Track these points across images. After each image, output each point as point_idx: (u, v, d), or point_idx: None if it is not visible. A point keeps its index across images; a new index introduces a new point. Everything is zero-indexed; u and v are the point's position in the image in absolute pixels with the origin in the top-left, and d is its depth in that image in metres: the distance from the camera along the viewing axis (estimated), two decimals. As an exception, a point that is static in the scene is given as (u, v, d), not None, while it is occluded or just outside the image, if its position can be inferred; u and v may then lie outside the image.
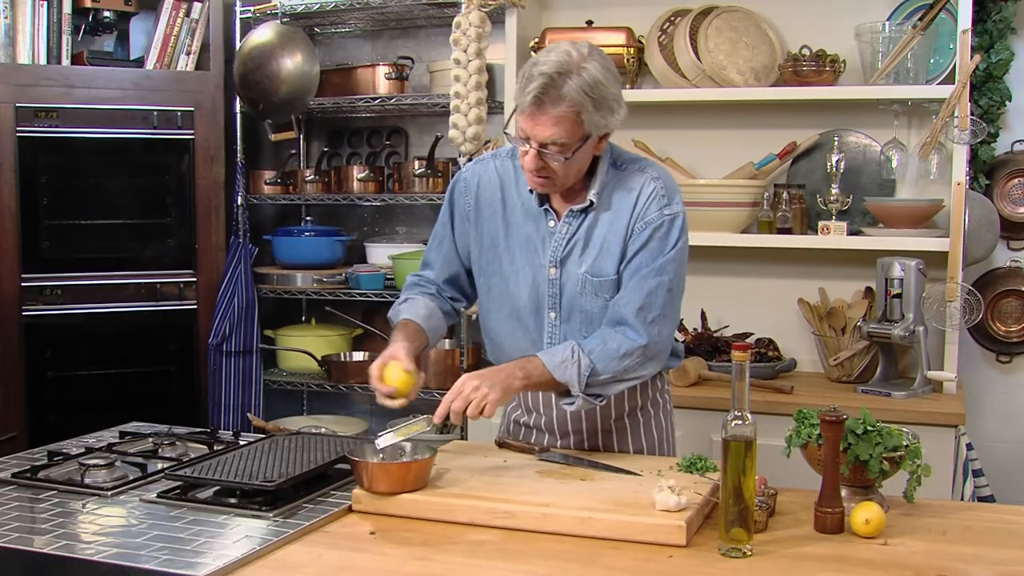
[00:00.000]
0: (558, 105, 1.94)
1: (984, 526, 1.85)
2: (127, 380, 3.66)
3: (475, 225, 2.24)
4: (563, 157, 1.99)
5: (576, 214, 2.13)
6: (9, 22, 3.51)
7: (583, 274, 2.12)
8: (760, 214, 3.36)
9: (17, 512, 1.87)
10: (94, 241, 3.61)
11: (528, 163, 2.02)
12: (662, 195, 2.10)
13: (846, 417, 1.82)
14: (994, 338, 3.44)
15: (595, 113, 1.97)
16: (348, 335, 4.05)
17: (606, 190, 2.13)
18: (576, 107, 1.94)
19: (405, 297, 2.30)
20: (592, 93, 1.95)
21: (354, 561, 1.68)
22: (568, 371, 2.02)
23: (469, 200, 2.24)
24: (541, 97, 1.94)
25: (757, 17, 3.41)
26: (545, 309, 2.17)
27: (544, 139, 1.97)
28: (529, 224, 2.17)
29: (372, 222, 4.20)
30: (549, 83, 1.93)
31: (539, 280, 2.16)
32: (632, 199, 2.10)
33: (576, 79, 1.94)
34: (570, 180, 2.08)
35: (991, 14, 3.26)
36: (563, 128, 1.96)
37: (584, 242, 2.13)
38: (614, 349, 2.05)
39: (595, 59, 1.98)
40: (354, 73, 3.92)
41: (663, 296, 2.08)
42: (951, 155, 3.12)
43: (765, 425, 1.90)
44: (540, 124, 1.96)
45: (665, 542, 1.72)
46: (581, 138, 1.99)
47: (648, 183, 2.11)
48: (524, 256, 2.18)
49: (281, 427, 2.53)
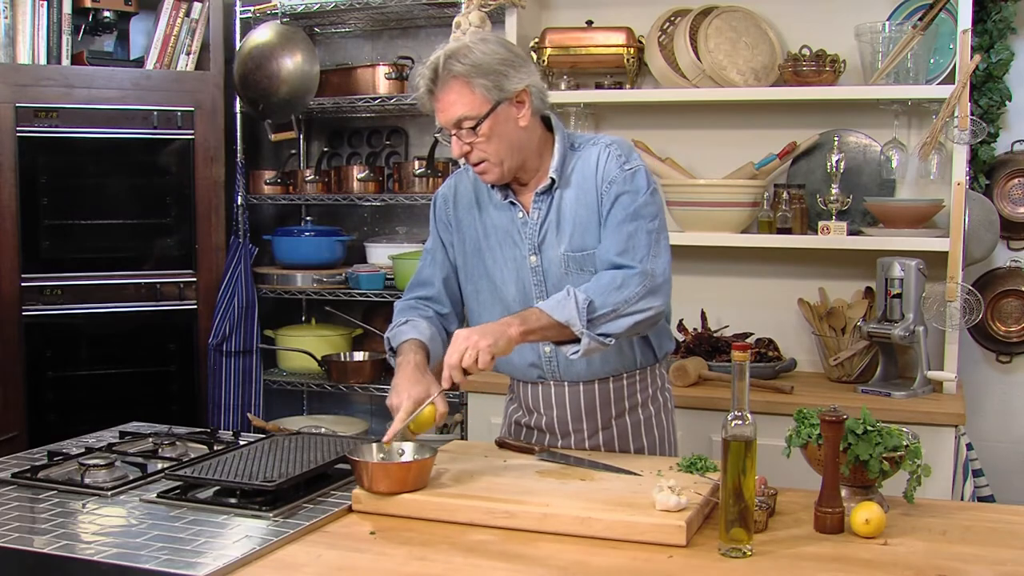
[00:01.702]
0: (446, 85, 2.04)
1: (984, 526, 1.85)
2: (127, 380, 3.66)
3: (457, 234, 2.29)
4: (474, 128, 2.05)
5: (542, 197, 2.17)
6: (9, 22, 3.52)
7: (563, 254, 2.15)
8: (760, 214, 3.36)
9: (17, 512, 1.87)
10: (94, 241, 3.62)
11: (455, 151, 2.10)
12: (618, 155, 2.14)
13: (846, 417, 1.82)
14: (994, 338, 3.44)
15: (485, 79, 2.03)
16: (348, 335, 4.05)
17: (567, 169, 2.16)
18: (462, 79, 2.03)
19: (404, 319, 2.27)
20: (474, 62, 2.03)
21: (354, 561, 1.68)
22: (567, 308, 1.98)
23: (449, 211, 2.30)
24: (430, 85, 2.06)
25: (757, 17, 3.41)
26: (533, 299, 2.18)
27: (450, 120, 2.06)
28: (504, 220, 2.22)
29: (372, 222, 4.20)
30: (432, 71, 2.05)
31: (523, 271, 2.20)
32: (592, 169, 2.14)
33: (454, 58, 2.03)
34: (506, 159, 2.10)
35: (991, 14, 3.26)
36: (460, 103, 2.04)
37: (556, 223, 2.16)
38: (607, 282, 2.04)
39: (471, 37, 2.09)
40: (354, 73, 3.92)
41: (644, 237, 2.08)
42: (951, 155, 3.12)
43: (765, 425, 1.91)
44: (441, 109, 2.06)
45: (665, 542, 1.72)
46: (487, 107, 2.04)
47: (603, 150, 2.15)
48: (505, 251, 2.21)
49: (281, 427, 2.53)
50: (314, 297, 3.96)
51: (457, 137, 2.07)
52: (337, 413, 4.17)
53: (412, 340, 2.18)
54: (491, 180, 2.15)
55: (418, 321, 2.24)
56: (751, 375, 1.79)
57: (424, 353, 2.16)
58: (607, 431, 2.26)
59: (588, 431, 2.25)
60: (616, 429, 2.27)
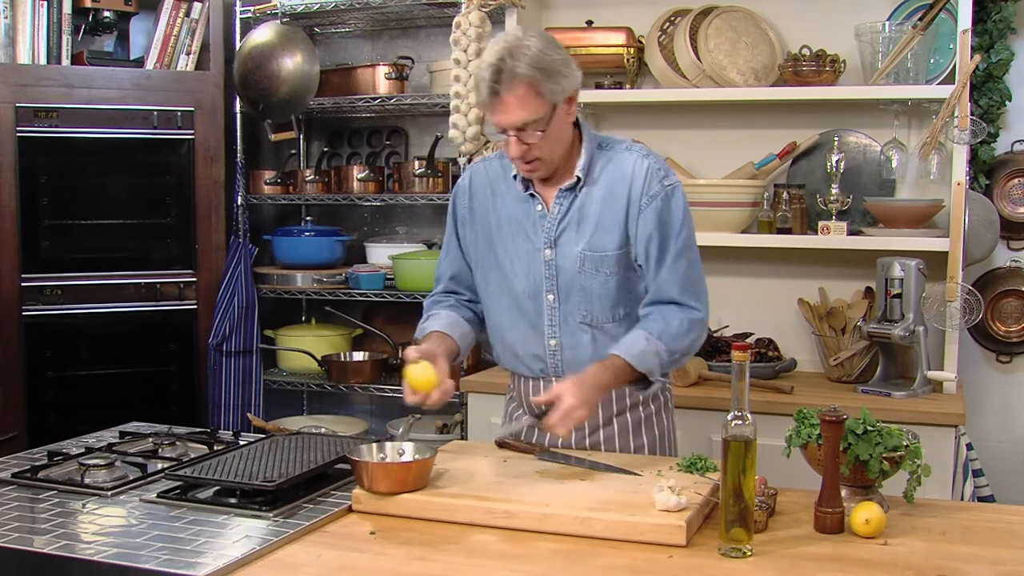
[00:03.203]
0: (513, 86, 2.02)
1: (984, 526, 1.85)
2: (127, 380, 3.66)
3: (471, 225, 2.31)
4: (540, 132, 2.06)
5: (566, 193, 2.19)
6: (9, 22, 3.52)
7: (580, 251, 2.17)
8: (760, 214, 3.36)
9: (17, 512, 1.87)
10: (94, 241, 3.62)
11: (513, 151, 2.09)
12: (657, 169, 2.17)
13: (846, 417, 1.82)
14: (994, 338, 3.44)
15: (549, 82, 2.03)
16: (348, 335, 4.05)
17: (595, 168, 2.19)
18: (530, 81, 2.02)
19: (427, 316, 2.36)
20: (539, 64, 2.02)
21: (354, 561, 1.68)
22: (649, 361, 2.09)
23: (465, 202, 2.32)
24: (495, 86, 2.02)
25: (757, 17, 3.41)
26: (543, 292, 2.21)
27: (515, 122, 2.05)
28: (519, 212, 2.23)
29: (372, 222, 4.20)
30: (498, 70, 2.01)
31: (535, 264, 2.21)
32: (627, 177, 2.16)
33: (522, 57, 2.01)
34: (556, 155, 2.14)
35: (991, 14, 3.26)
36: (528, 106, 2.03)
37: (578, 220, 2.18)
38: (676, 326, 2.12)
39: (532, 36, 2.07)
40: (354, 73, 3.92)
41: (696, 273, 2.20)
42: (951, 155, 3.12)
43: (765, 425, 1.91)
44: (506, 111, 2.04)
45: (665, 542, 1.73)
46: (548, 109, 2.05)
47: (640, 160, 2.18)
48: (518, 243, 2.23)
49: (281, 427, 2.53)
50: (314, 297, 3.96)
51: (518, 139, 2.07)
52: (337, 413, 4.17)
53: (432, 332, 2.27)
54: (540, 176, 2.18)
55: (439, 312, 2.33)
56: (751, 375, 1.79)
57: (444, 342, 2.24)
58: (607, 428, 2.26)
59: (589, 427, 2.26)
60: (616, 426, 2.27)
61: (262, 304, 3.89)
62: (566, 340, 2.22)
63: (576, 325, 2.20)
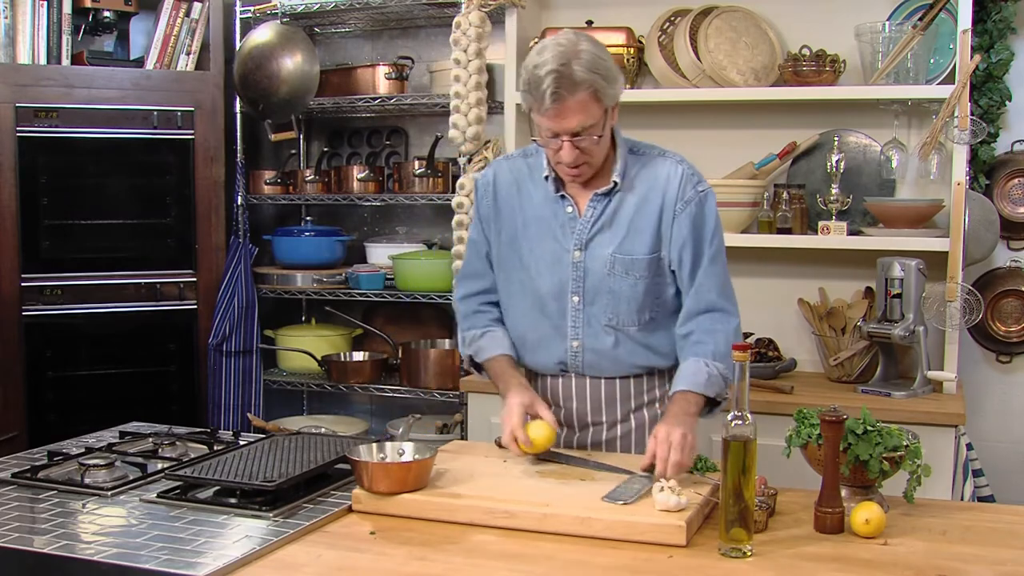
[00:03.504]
0: (576, 92, 2.00)
1: (984, 526, 1.85)
2: (127, 380, 3.66)
3: (495, 223, 2.30)
4: (596, 137, 2.06)
5: (601, 198, 2.19)
6: (9, 22, 3.52)
7: (611, 254, 2.18)
8: (760, 214, 3.36)
9: (17, 512, 1.87)
10: (94, 241, 3.62)
11: (567, 156, 2.08)
12: (691, 175, 2.20)
13: (846, 417, 1.82)
14: (994, 338, 3.44)
15: (608, 86, 2.04)
16: (348, 335, 4.05)
17: (629, 173, 2.19)
18: (591, 87, 2.01)
19: (482, 330, 2.32)
20: (598, 69, 2.02)
21: (354, 561, 1.68)
22: (716, 384, 2.12)
23: (488, 200, 2.31)
24: (559, 91, 1.99)
25: (757, 17, 3.41)
26: (568, 293, 2.21)
27: (574, 128, 2.04)
28: (547, 213, 2.23)
29: (372, 222, 4.20)
30: (560, 76, 1.99)
31: (562, 265, 2.21)
32: (662, 182, 2.18)
33: (580, 62, 2.00)
34: (601, 159, 2.15)
35: (991, 14, 3.26)
36: (588, 111, 2.03)
37: (610, 224, 2.19)
38: (724, 344, 2.14)
39: (584, 40, 2.06)
40: (354, 73, 3.92)
41: (728, 276, 2.23)
42: (951, 155, 3.12)
43: (765, 425, 1.91)
44: (566, 116, 2.02)
45: (665, 542, 1.73)
46: (603, 114, 2.06)
47: (675, 166, 2.20)
48: (544, 244, 2.23)
49: (281, 427, 2.53)
50: (314, 297, 3.96)
51: (572, 144, 2.06)
52: (337, 413, 4.17)
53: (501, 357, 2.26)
54: (583, 179, 2.17)
55: (494, 331, 2.31)
56: (751, 375, 1.79)
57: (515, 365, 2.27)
58: (625, 424, 2.27)
59: (607, 423, 2.27)
60: (634, 422, 2.27)
61: (262, 304, 3.89)
62: (588, 342, 2.22)
63: (601, 327, 2.20)
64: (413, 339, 3.92)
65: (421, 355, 3.77)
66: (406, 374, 3.77)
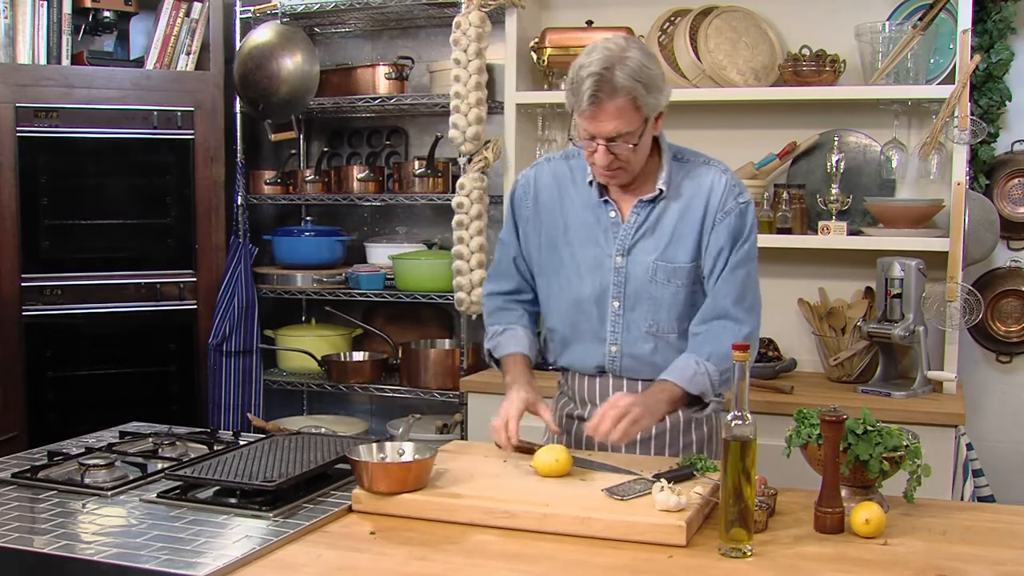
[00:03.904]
0: (615, 97, 2.01)
1: (984, 526, 1.85)
2: (127, 380, 3.66)
3: (534, 226, 2.30)
4: (631, 145, 2.06)
5: (645, 204, 2.20)
6: (9, 22, 3.52)
7: (654, 261, 2.18)
8: (760, 214, 3.36)
9: (17, 512, 1.87)
10: (94, 241, 3.62)
11: (600, 159, 2.08)
12: (734, 185, 2.20)
13: (846, 417, 1.82)
14: (994, 338, 3.44)
15: (648, 96, 2.04)
16: (348, 335, 4.05)
17: (673, 180, 2.20)
18: (631, 94, 2.01)
19: (504, 327, 2.34)
20: (641, 78, 2.02)
21: (354, 561, 1.68)
22: (701, 383, 2.10)
23: (528, 203, 2.31)
24: (597, 95, 2.00)
25: (757, 17, 3.41)
26: (609, 299, 2.21)
27: (609, 133, 2.04)
28: (590, 217, 2.23)
29: (372, 222, 4.20)
30: (601, 79, 2.00)
31: (603, 270, 2.21)
32: (705, 191, 2.18)
33: (624, 69, 2.00)
34: (639, 166, 2.15)
35: (991, 14, 3.26)
36: (625, 118, 2.03)
37: (653, 230, 2.19)
38: (726, 347, 2.08)
39: (633, 47, 2.06)
40: (354, 73, 3.92)
41: (753, 283, 2.20)
42: (951, 155, 3.12)
43: (765, 425, 1.91)
44: (602, 120, 2.03)
45: (665, 542, 1.73)
46: (642, 123, 2.06)
47: (719, 176, 2.20)
48: (586, 248, 2.23)
49: (281, 427, 2.52)
50: (314, 297, 3.96)
51: (607, 148, 2.06)
52: (337, 413, 4.17)
53: (515, 355, 2.28)
54: (621, 183, 2.18)
55: (515, 330, 2.33)
56: (751, 375, 1.79)
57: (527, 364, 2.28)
58: (660, 423, 2.22)
59: None
60: (668, 421, 2.24)
61: (262, 304, 3.89)
62: (627, 348, 2.22)
63: (641, 334, 2.21)
64: (413, 339, 3.92)
65: (421, 355, 3.77)
66: (406, 374, 3.77)
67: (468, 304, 3.50)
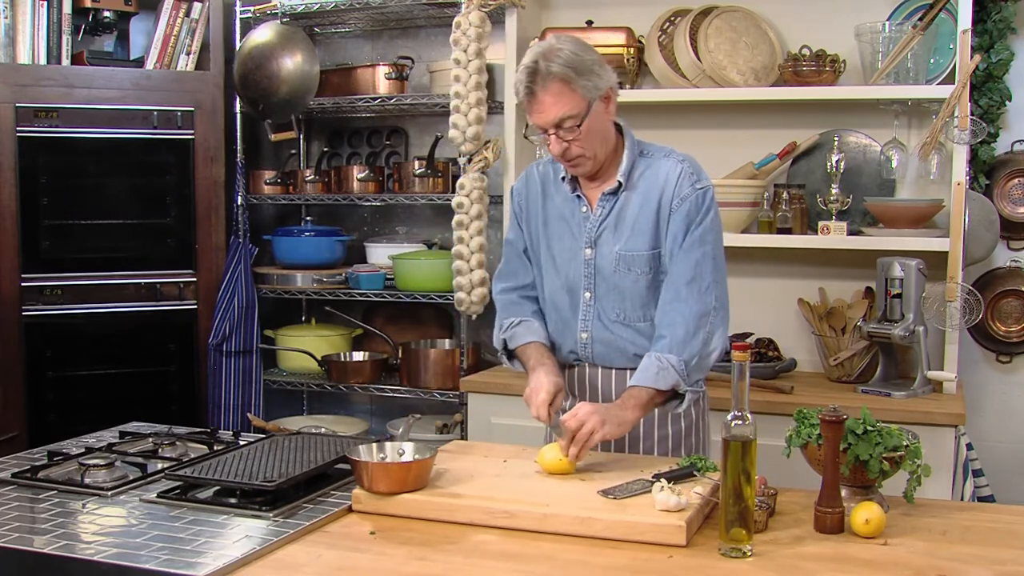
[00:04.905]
0: (548, 84, 2.12)
1: (984, 526, 1.85)
2: (127, 380, 3.66)
3: (526, 222, 2.41)
4: (576, 126, 2.14)
5: (608, 197, 2.28)
6: (9, 22, 3.52)
7: (617, 252, 2.26)
8: (760, 214, 3.36)
9: (17, 512, 1.87)
10: (94, 241, 3.61)
11: (555, 149, 2.18)
12: (690, 173, 2.26)
13: (846, 417, 1.82)
14: (994, 338, 3.44)
15: (581, 78, 2.12)
16: (348, 335, 4.05)
17: (635, 174, 2.27)
18: (562, 79, 2.11)
19: (519, 319, 2.39)
20: (571, 64, 2.12)
21: (354, 561, 1.68)
22: (667, 377, 2.15)
23: (521, 203, 2.43)
24: (531, 86, 2.13)
25: (757, 17, 3.41)
26: (581, 289, 2.30)
27: (552, 120, 2.14)
28: (566, 212, 2.33)
29: (372, 222, 4.20)
30: (533, 71, 2.12)
31: (574, 263, 2.31)
32: (661, 181, 2.25)
33: (554, 59, 2.12)
34: (599, 152, 2.22)
35: (991, 14, 3.26)
36: (563, 102, 2.12)
37: (616, 223, 2.27)
38: (683, 334, 2.18)
39: (565, 40, 2.17)
40: (354, 73, 3.92)
41: (709, 264, 2.22)
42: (951, 155, 3.12)
43: (765, 425, 1.91)
44: (542, 109, 2.14)
45: (665, 542, 1.73)
46: (584, 106, 2.14)
47: (675, 165, 2.26)
48: (563, 241, 2.33)
49: (281, 427, 2.53)
50: (314, 297, 3.96)
51: (557, 136, 2.15)
52: (337, 413, 4.17)
53: (535, 343, 2.33)
54: (585, 172, 2.26)
55: (531, 322, 2.39)
56: (751, 375, 1.79)
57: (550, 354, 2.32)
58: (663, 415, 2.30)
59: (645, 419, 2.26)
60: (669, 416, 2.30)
61: (262, 304, 3.89)
62: (597, 334, 2.30)
63: (610, 322, 2.28)
64: (413, 339, 3.92)
65: (421, 355, 3.77)
66: (406, 374, 3.77)
67: (468, 304, 3.50)
